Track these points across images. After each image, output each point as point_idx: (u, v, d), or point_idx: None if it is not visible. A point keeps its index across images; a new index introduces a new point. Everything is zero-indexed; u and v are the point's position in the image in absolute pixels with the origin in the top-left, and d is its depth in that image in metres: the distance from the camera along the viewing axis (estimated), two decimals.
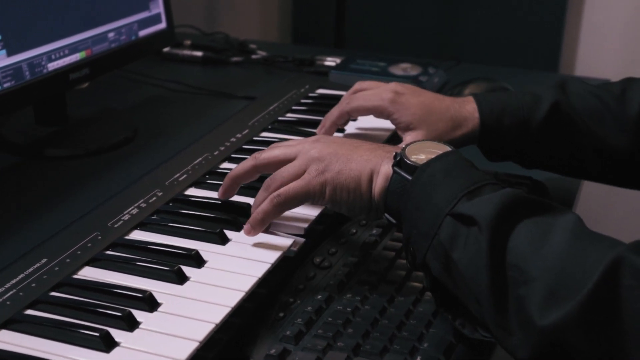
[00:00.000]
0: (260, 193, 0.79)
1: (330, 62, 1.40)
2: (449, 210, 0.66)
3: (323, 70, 1.37)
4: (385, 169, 0.74)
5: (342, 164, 0.76)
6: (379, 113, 0.95)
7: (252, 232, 0.78)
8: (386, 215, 0.74)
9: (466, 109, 0.93)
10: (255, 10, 2.21)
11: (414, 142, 0.76)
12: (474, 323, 0.68)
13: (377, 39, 2.12)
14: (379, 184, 0.74)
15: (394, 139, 1.03)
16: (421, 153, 0.73)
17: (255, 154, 0.81)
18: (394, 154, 0.75)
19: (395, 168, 0.73)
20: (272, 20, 2.25)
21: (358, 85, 1.01)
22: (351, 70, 1.34)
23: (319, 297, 0.75)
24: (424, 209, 0.68)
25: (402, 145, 0.91)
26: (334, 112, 0.98)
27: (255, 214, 0.77)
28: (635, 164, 0.93)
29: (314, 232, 0.83)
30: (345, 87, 1.21)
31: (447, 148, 0.74)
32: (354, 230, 0.86)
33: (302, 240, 0.80)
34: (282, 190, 0.76)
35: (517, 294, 0.61)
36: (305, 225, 0.81)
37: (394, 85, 0.96)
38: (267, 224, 0.78)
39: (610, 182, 0.98)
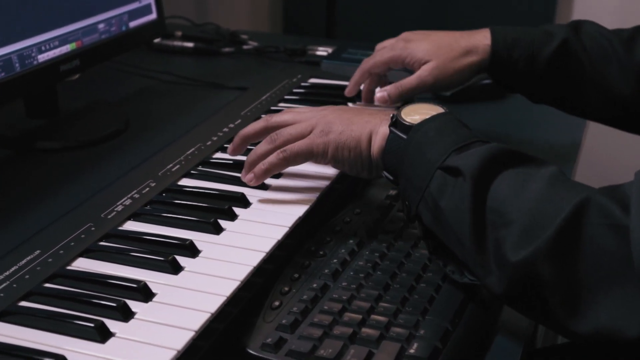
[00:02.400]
0: (263, 144, 0.83)
1: (322, 51, 1.40)
2: (440, 165, 0.71)
3: (315, 60, 1.37)
4: (383, 129, 0.79)
5: (345, 126, 0.81)
6: (394, 62, 1.02)
7: (255, 181, 0.83)
8: (384, 172, 0.79)
9: (476, 37, 0.99)
10: (245, 1, 2.20)
11: (409, 104, 0.80)
12: (461, 268, 0.73)
13: (367, 28, 2.11)
14: (377, 144, 0.79)
15: None
16: (416, 114, 0.78)
17: (267, 117, 0.86)
18: (391, 115, 0.79)
19: (392, 128, 0.78)
20: (262, 10, 2.24)
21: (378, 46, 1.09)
22: (343, 59, 1.34)
23: (315, 285, 0.74)
24: (417, 165, 0.73)
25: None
26: (356, 73, 1.06)
27: (261, 164, 0.82)
28: (634, 107, 0.96)
29: (310, 219, 0.83)
30: (338, 77, 1.21)
31: (441, 109, 0.79)
32: (348, 219, 0.86)
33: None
34: (288, 147, 0.82)
35: (495, 236, 0.65)
36: (301, 213, 0.82)
37: (403, 34, 1.04)
38: (270, 176, 0.83)
39: (612, 124, 1.01)
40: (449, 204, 0.69)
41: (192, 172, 0.90)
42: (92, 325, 0.63)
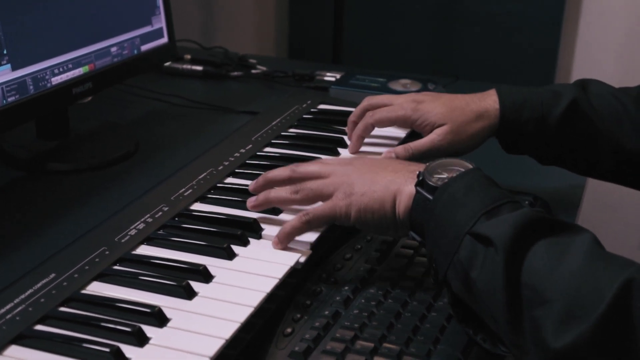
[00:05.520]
0: (285, 191, 0.84)
1: (330, 77, 1.41)
2: (468, 230, 0.68)
3: (323, 86, 1.38)
4: (409, 188, 0.76)
5: (367, 187, 0.79)
6: (403, 122, 1.00)
7: (280, 245, 0.81)
8: (412, 233, 0.77)
9: (487, 101, 0.97)
10: (251, 25, 2.22)
11: (437, 160, 0.77)
12: (494, 338, 0.69)
13: (373, 55, 2.13)
14: (403, 204, 0.77)
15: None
16: (443, 171, 0.75)
17: (293, 166, 0.85)
18: (417, 172, 0.76)
19: (418, 188, 0.75)
20: (268, 35, 2.26)
21: (369, 100, 1.03)
22: (351, 85, 1.35)
23: (326, 312, 0.75)
24: (444, 228, 0.70)
25: (424, 141, 0.96)
26: (359, 127, 1.02)
27: (283, 228, 0.81)
28: None
29: (321, 246, 0.83)
30: (346, 103, 1.22)
31: (469, 165, 0.76)
32: (359, 246, 0.87)
33: (309, 252, 0.81)
34: (311, 211, 0.80)
35: (532, 315, 0.62)
36: (312, 239, 0.81)
37: (413, 95, 1.01)
38: (293, 239, 0.81)
39: (624, 183, 0.99)
40: (480, 276, 0.66)
41: (204, 196, 0.90)
42: (107, 350, 0.63)
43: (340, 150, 1.04)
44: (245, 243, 0.81)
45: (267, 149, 1.04)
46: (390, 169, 0.81)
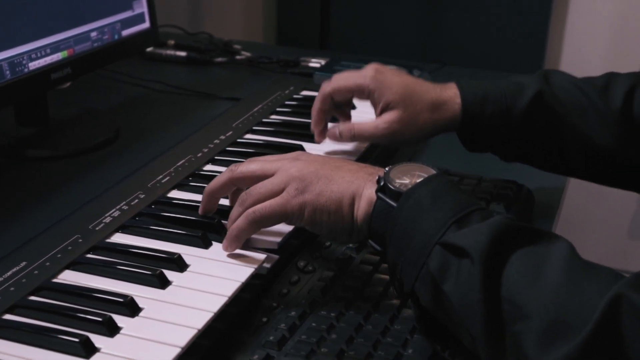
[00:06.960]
0: (235, 208, 0.76)
1: (315, 63, 1.40)
2: (438, 239, 0.64)
3: (308, 72, 1.36)
4: (369, 193, 0.71)
5: (323, 185, 0.73)
6: (360, 92, 0.93)
7: (229, 248, 0.76)
8: (370, 241, 0.72)
9: (447, 93, 0.91)
10: (239, 11, 2.20)
11: (398, 164, 0.72)
12: (464, 355, 0.66)
13: (361, 41, 2.12)
14: (362, 209, 0.72)
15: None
16: (405, 177, 0.70)
17: (232, 167, 0.78)
18: (377, 177, 0.72)
19: (379, 194, 0.70)
20: (256, 21, 2.24)
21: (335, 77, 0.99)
22: (335, 71, 1.33)
23: (303, 302, 0.74)
24: (411, 237, 0.66)
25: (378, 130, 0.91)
26: (317, 99, 0.96)
27: (230, 231, 0.75)
28: (616, 160, 0.91)
29: (288, 248, 0.80)
30: None
31: (432, 171, 0.71)
32: None
33: (275, 257, 0.77)
34: (258, 207, 0.74)
35: (512, 330, 0.59)
36: (278, 239, 0.78)
37: (373, 65, 0.94)
38: (243, 241, 0.76)
39: (590, 178, 0.95)
40: (454, 290, 0.62)
41: (182, 184, 0.89)
42: (76, 340, 0.62)
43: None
44: (221, 231, 0.80)
45: (248, 136, 1.03)
46: (346, 168, 0.75)
